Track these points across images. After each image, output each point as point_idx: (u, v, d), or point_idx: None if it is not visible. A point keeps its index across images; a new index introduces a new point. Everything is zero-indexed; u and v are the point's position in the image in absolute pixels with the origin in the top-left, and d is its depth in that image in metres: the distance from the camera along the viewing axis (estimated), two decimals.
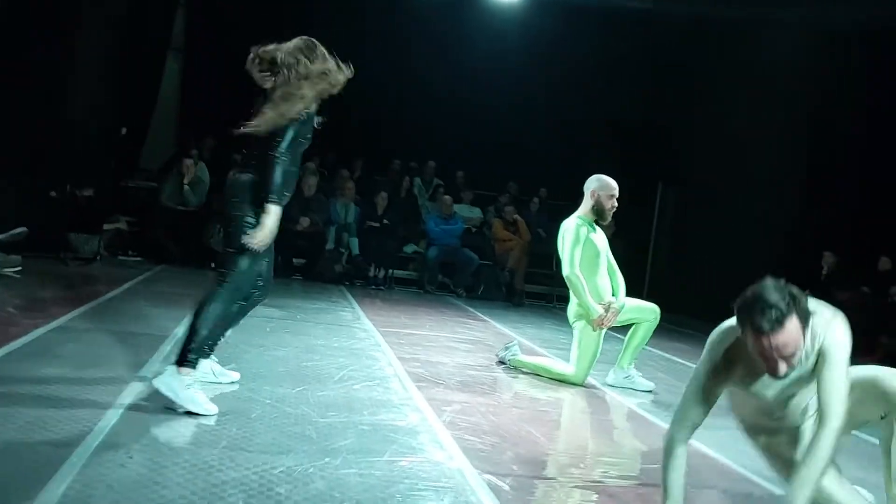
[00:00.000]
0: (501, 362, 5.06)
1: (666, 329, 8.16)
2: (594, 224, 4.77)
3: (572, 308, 4.75)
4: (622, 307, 4.73)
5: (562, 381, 4.72)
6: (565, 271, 4.63)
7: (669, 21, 10.06)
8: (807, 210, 9.31)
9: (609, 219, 4.80)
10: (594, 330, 4.60)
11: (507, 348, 5.13)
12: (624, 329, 4.96)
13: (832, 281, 8.85)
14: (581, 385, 4.69)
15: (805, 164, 9.39)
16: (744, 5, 9.43)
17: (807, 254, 9.18)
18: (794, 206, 9.45)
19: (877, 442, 2.62)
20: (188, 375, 3.23)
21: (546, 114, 11.21)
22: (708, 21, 9.84)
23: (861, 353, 8.84)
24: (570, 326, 4.77)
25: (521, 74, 11.07)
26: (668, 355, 6.51)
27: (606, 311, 4.61)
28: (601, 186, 4.73)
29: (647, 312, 4.87)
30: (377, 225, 9.67)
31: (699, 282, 9.67)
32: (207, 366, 3.59)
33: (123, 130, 8.66)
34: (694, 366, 2.50)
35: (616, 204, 4.74)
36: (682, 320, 8.95)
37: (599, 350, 4.69)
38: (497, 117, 11.13)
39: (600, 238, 4.78)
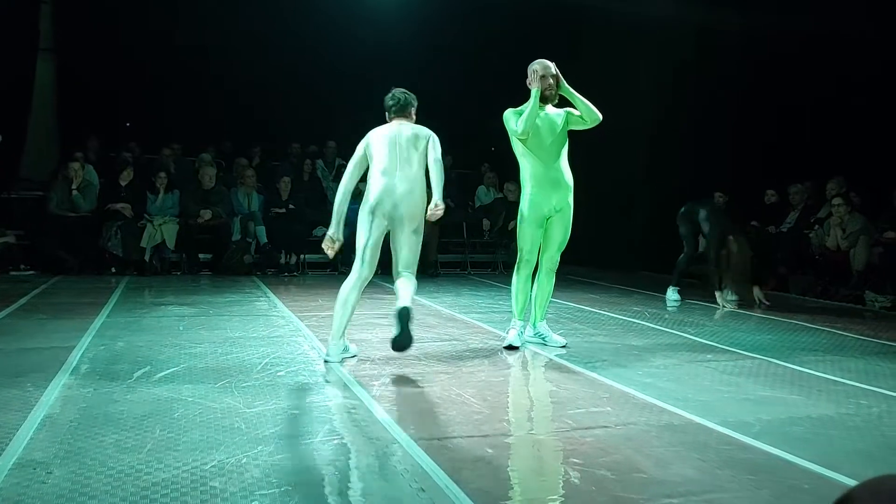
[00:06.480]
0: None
1: (576, 282, 8.43)
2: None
3: None
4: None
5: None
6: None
7: None
8: (694, 156, 9.73)
9: (552, 98, 4.84)
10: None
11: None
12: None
13: None
14: None
15: (686, 115, 9.79)
16: None
17: (700, 195, 9.61)
18: (680, 155, 9.85)
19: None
20: None
21: (439, 85, 11.21)
22: None
23: (761, 284, 9.23)
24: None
25: (409, 50, 11.00)
26: (581, 306, 6.71)
27: None
28: (530, 72, 4.85)
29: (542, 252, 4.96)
30: (283, 211, 9.50)
31: (606, 233, 9.98)
32: None
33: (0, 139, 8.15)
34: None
35: (552, 82, 4.80)
36: (592, 272, 9.26)
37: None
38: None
39: (546, 121, 4.81)
